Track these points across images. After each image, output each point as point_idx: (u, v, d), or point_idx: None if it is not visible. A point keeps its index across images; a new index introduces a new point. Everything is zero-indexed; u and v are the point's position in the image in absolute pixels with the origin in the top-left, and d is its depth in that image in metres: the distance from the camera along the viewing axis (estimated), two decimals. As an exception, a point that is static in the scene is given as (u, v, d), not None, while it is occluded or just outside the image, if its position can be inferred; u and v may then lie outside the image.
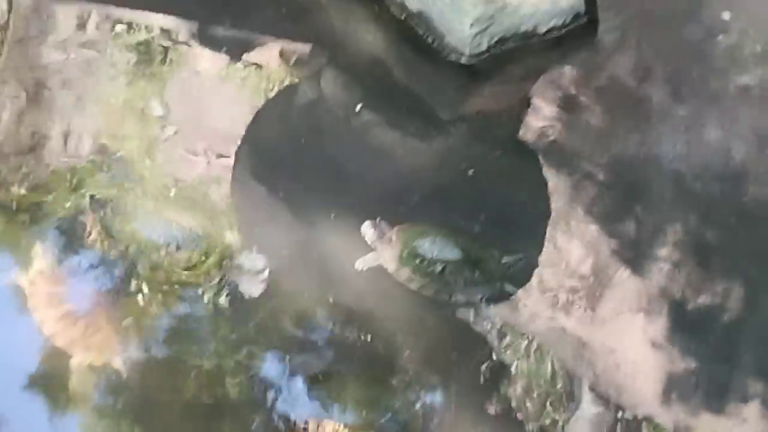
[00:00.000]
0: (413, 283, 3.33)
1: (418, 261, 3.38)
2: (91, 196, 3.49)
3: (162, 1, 4.25)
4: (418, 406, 3.11)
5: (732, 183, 3.90)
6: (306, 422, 3.16)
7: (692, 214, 3.75)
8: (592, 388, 3.25)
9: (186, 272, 3.36)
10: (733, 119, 4.01)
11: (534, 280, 3.47)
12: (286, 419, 3.11)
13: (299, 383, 3.17)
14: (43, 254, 3.28)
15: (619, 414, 3.22)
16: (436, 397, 3.25)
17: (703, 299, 3.49)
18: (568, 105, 4.00)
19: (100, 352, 3.21)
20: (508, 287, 3.39)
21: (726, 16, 4.41)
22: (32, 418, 3.07)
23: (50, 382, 3.18)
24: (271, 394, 3.17)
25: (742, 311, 3.50)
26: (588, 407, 3.22)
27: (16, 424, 3.00)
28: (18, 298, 3.19)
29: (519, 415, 3.14)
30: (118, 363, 3.14)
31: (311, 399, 3.20)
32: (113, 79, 3.93)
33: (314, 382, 3.19)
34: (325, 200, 3.61)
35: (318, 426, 3.16)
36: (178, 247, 3.44)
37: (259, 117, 3.91)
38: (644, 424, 3.20)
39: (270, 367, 3.22)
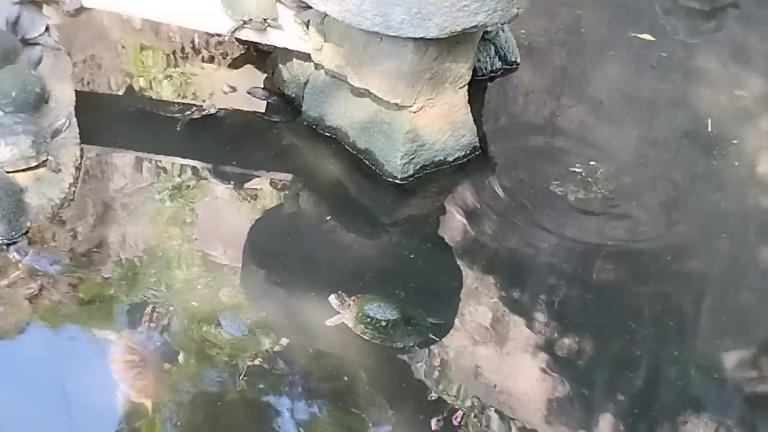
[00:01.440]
0: (366, 335, 3.98)
1: (368, 320, 4.02)
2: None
3: (188, 150, 4.83)
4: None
5: (583, 264, 4.61)
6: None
7: (558, 287, 4.50)
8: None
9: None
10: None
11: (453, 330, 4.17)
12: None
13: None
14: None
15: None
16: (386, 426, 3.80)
17: (568, 343, 4.20)
18: (470, 211, 4.69)
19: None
20: (433, 337, 4.07)
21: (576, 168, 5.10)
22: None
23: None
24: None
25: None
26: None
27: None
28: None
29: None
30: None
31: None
32: (160, 202, 4.52)
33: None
34: (304, 280, 4.19)
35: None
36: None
37: (257, 225, 4.55)
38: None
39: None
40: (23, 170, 4.10)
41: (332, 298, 3.98)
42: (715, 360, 4.32)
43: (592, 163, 5.06)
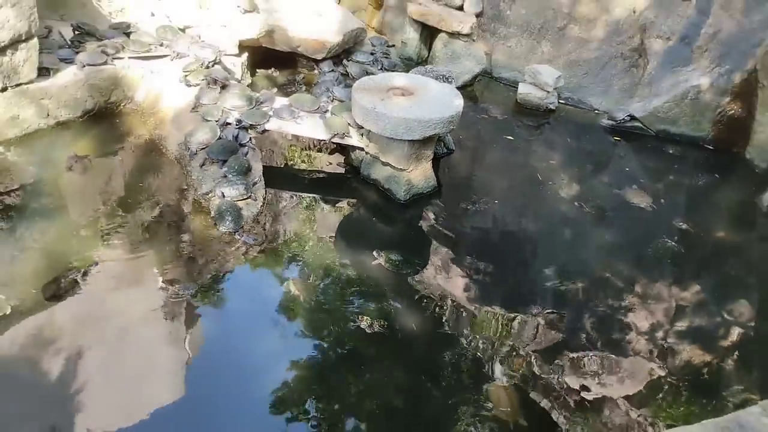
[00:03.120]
0: (389, 268, 3.86)
1: (390, 261, 3.94)
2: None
3: (313, 189, 4.66)
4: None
5: (482, 238, 4.44)
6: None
7: (470, 247, 4.28)
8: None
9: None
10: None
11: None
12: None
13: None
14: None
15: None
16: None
17: (480, 269, 4.07)
18: (432, 212, 4.52)
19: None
20: (419, 268, 4.00)
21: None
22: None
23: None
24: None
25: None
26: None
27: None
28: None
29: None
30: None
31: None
32: (302, 213, 4.35)
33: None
34: (363, 244, 4.10)
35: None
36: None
37: (342, 222, 4.42)
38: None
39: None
40: (241, 200, 4.08)
41: (374, 253, 4.01)
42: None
43: (483, 199, 4.88)
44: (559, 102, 6.51)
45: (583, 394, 3.18)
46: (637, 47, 6.41)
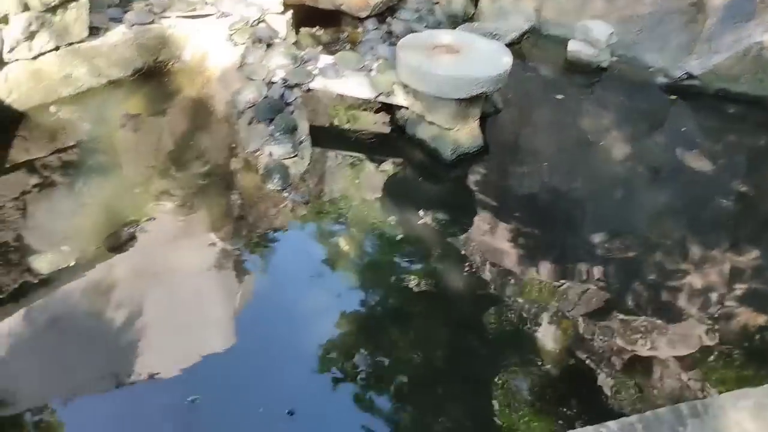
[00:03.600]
0: (433, 225, 3.91)
1: (437, 219, 3.99)
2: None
3: (359, 147, 4.69)
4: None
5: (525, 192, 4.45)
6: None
7: (509, 202, 4.39)
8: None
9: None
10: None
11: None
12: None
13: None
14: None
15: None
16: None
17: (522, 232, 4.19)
18: (477, 169, 4.55)
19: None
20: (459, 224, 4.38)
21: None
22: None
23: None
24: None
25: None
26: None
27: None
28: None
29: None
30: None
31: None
32: (349, 171, 4.46)
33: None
34: (410, 202, 4.11)
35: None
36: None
37: (388, 180, 4.43)
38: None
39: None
40: (288, 159, 4.10)
41: (420, 212, 4.00)
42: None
43: (531, 161, 4.88)
44: (612, 59, 6.22)
45: (632, 355, 3.14)
46: (696, 2, 6.10)
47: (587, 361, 3.11)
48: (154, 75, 4.90)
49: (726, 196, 4.54)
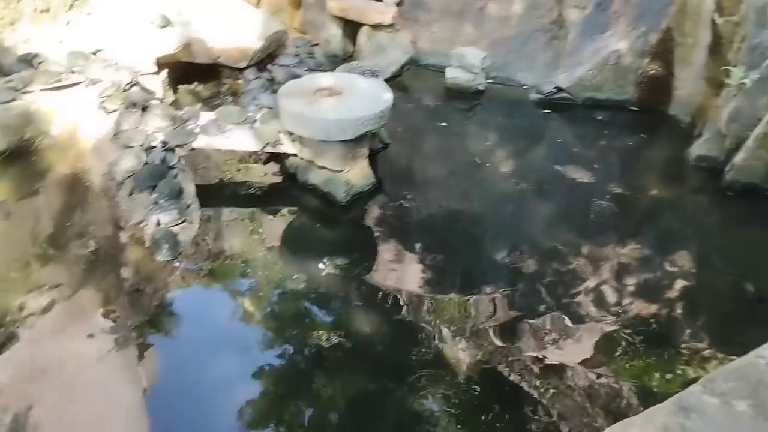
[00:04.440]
0: (336, 272, 3.88)
1: (338, 265, 3.95)
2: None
3: (250, 202, 4.59)
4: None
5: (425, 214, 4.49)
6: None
7: (410, 223, 4.39)
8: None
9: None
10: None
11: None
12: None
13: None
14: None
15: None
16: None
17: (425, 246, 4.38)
18: (372, 207, 4.58)
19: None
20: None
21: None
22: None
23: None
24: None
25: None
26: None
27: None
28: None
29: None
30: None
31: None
32: (242, 228, 4.38)
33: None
34: (305, 250, 4.13)
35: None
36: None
37: (287, 230, 4.39)
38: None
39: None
40: (176, 225, 3.98)
41: (321, 265, 3.92)
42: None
43: (425, 189, 4.97)
44: (487, 82, 6.55)
45: (545, 361, 3.26)
46: (556, 19, 6.53)
47: (509, 375, 3.20)
48: (21, 155, 4.64)
49: (605, 198, 4.80)
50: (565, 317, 3.58)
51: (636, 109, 6.15)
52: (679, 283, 3.95)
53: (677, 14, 5.73)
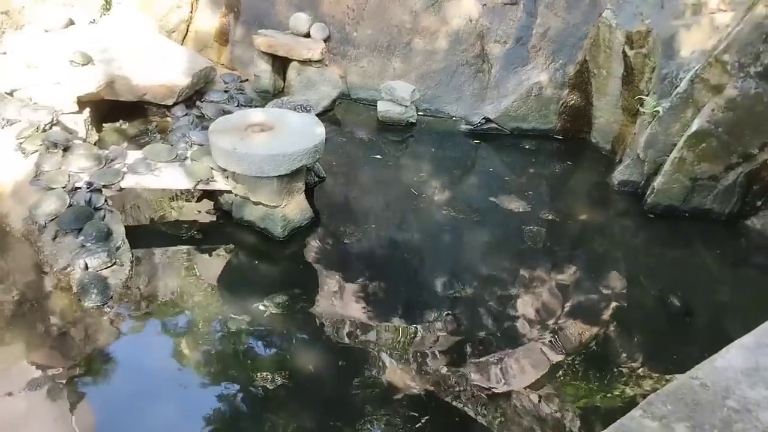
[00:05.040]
0: (276, 311, 3.81)
1: (278, 305, 3.90)
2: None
3: (186, 241, 4.44)
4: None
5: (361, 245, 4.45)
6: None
7: (348, 254, 4.32)
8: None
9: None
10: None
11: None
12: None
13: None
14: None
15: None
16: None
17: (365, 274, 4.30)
18: (310, 241, 4.54)
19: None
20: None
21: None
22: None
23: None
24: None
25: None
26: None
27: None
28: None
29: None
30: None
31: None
32: (174, 269, 4.20)
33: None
34: (246, 286, 4.00)
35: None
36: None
37: (226, 269, 4.26)
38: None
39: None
40: (106, 268, 3.88)
41: (261, 306, 3.79)
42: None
43: (363, 221, 4.99)
44: (418, 114, 6.72)
45: (491, 389, 3.30)
46: (480, 53, 6.82)
47: (456, 403, 3.21)
48: (-72, 202, 4.36)
49: (537, 224, 4.99)
50: (506, 344, 3.67)
51: (560, 137, 6.50)
52: (612, 304, 4.13)
53: (592, 47, 6.11)
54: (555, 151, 6.31)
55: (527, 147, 6.34)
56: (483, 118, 6.55)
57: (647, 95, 5.35)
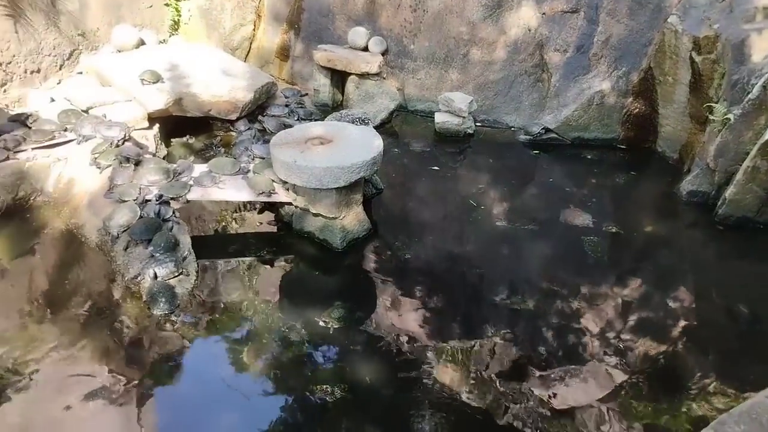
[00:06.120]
0: (336, 324, 3.83)
1: (337, 317, 3.90)
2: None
3: (250, 249, 4.52)
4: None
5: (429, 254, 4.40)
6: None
7: (407, 268, 4.31)
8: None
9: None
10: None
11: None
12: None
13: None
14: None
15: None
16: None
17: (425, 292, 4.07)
18: (369, 253, 4.55)
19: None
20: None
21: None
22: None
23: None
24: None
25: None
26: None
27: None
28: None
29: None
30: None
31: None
32: (238, 279, 4.25)
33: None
34: (306, 296, 4.03)
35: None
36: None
37: (284, 279, 4.28)
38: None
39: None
40: (173, 278, 3.98)
41: (321, 321, 3.81)
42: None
43: (421, 233, 4.95)
44: (476, 125, 6.71)
45: (554, 404, 3.22)
46: (539, 62, 6.75)
47: (514, 420, 3.17)
48: (15, 213, 4.67)
49: (600, 237, 4.86)
50: (569, 361, 3.58)
51: (623, 147, 6.34)
52: (680, 320, 3.99)
53: (657, 54, 5.95)
54: (618, 161, 6.16)
55: (589, 157, 6.22)
56: (542, 128, 6.48)
57: (717, 102, 5.19)
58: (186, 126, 6.02)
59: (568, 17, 6.52)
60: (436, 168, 6.01)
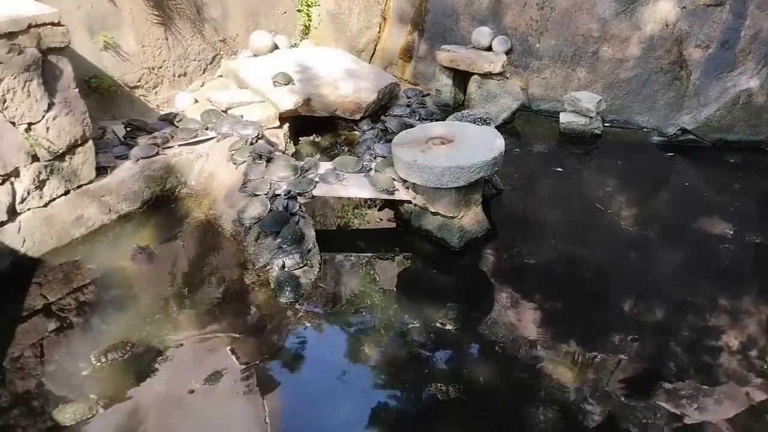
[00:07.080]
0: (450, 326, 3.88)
1: (451, 314, 3.90)
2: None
3: (371, 247, 4.69)
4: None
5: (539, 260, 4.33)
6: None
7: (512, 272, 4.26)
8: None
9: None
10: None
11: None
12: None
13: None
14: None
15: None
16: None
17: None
18: (487, 252, 4.55)
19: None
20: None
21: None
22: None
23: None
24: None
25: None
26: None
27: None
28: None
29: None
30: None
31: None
32: (362, 271, 4.35)
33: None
34: (422, 293, 4.06)
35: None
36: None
37: (404, 274, 4.38)
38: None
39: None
40: (298, 269, 4.13)
41: (439, 323, 3.76)
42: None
43: (541, 236, 4.87)
44: (604, 125, 6.43)
45: (684, 421, 3.06)
46: (677, 59, 6.33)
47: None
48: (162, 203, 5.08)
49: (742, 247, 4.50)
50: (702, 378, 3.35)
51: (773, 150, 5.78)
52: (838, 341, 3.55)
53: (816, 48, 5.36)
54: (766, 166, 5.63)
55: (732, 161, 5.78)
56: (679, 129, 6.09)
57: None
58: (313, 125, 6.26)
59: (711, 11, 6.07)
60: (559, 169, 5.87)
